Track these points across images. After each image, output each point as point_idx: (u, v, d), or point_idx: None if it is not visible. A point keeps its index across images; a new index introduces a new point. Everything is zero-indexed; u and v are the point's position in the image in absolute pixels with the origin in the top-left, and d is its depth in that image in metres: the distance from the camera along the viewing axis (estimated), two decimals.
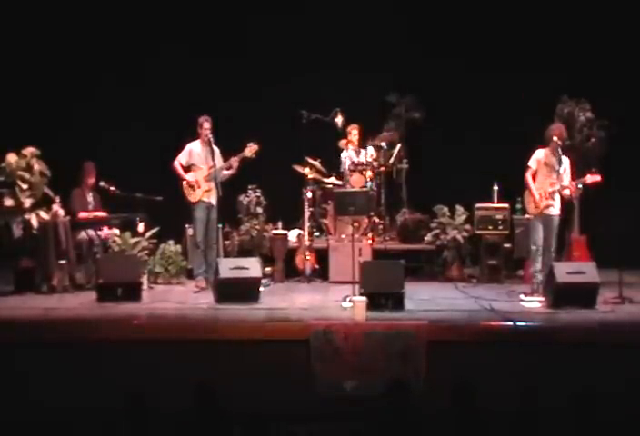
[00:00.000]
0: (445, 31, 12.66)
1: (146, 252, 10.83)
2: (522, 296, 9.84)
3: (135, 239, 10.77)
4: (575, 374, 7.50)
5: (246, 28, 12.77)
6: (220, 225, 10.82)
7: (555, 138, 9.73)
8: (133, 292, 9.64)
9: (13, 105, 12.23)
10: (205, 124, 10.48)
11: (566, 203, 10.13)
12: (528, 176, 9.83)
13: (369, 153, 12.18)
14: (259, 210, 11.65)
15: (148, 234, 10.93)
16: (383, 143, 12.45)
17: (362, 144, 12.27)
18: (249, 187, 11.70)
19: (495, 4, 12.60)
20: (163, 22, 12.69)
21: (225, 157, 10.67)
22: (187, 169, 10.59)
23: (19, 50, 12.46)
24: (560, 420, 5.76)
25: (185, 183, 10.53)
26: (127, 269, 9.78)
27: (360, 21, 12.71)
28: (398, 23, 12.73)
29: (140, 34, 12.58)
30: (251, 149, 10.54)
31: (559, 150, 9.74)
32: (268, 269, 11.23)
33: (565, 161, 9.80)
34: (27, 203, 10.35)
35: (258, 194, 11.67)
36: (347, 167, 12.07)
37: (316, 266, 11.38)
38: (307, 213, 11.57)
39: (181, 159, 10.59)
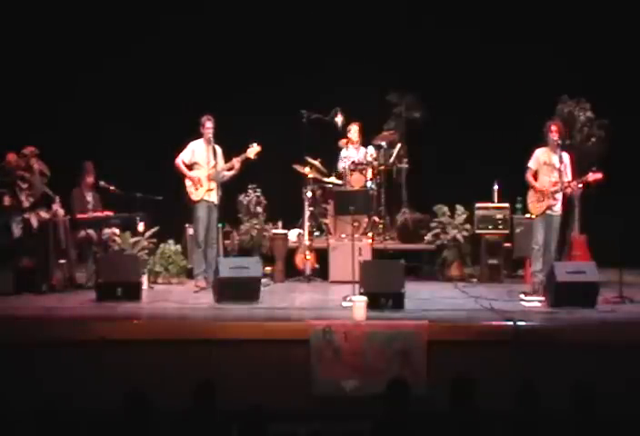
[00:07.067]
0: (445, 31, 12.66)
1: (146, 251, 10.83)
2: (522, 296, 9.84)
3: (135, 238, 10.77)
4: (575, 374, 7.47)
5: (246, 28, 12.76)
6: (220, 225, 10.82)
7: (554, 137, 9.75)
8: (133, 292, 9.64)
9: (12, 105, 12.23)
10: (208, 124, 10.48)
11: (567, 202, 10.14)
12: (529, 177, 9.84)
13: (369, 152, 12.18)
14: (259, 209, 11.66)
15: (148, 234, 10.93)
16: (383, 143, 12.46)
17: (362, 143, 12.27)
18: (249, 187, 11.70)
19: (493, 4, 12.61)
20: (161, 21, 12.69)
21: (226, 157, 10.67)
22: (189, 167, 10.59)
23: (18, 50, 12.47)
24: (560, 419, 5.75)
25: (187, 181, 10.52)
26: (127, 269, 9.77)
27: (360, 20, 12.70)
28: (399, 22, 12.73)
29: (140, 33, 12.58)
30: (253, 150, 10.55)
31: (558, 147, 9.76)
32: (268, 268, 11.23)
33: (565, 157, 9.83)
34: (27, 202, 10.35)
35: (258, 194, 11.68)
36: (347, 166, 12.06)
37: (316, 266, 11.38)
38: (307, 213, 11.57)
39: (184, 157, 10.59)
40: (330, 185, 12.01)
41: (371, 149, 12.23)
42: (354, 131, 12.11)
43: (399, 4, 12.74)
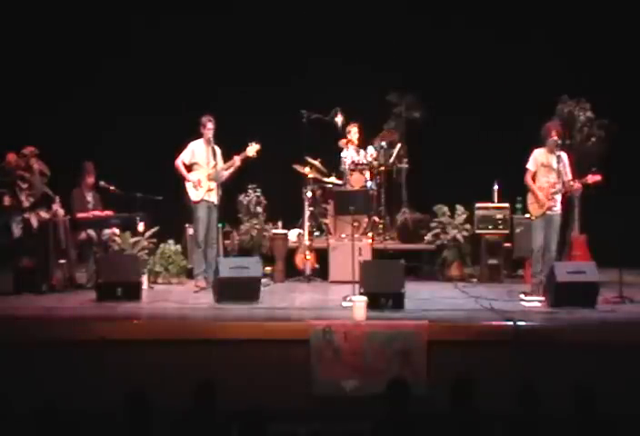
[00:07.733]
0: (445, 31, 12.67)
1: (146, 251, 10.83)
2: (522, 296, 9.84)
3: (135, 238, 10.77)
4: (575, 374, 7.49)
5: (247, 27, 12.75)
6: (220, 225, 10.82)
7: (554, 138, 9.74)
8: (133, 292, 9.64)
9: (12, 105, 12.23)
10: (209, 124, 10.48)
11: (567, 202, 10.15)
12: (528, 178, 9.83)
13: (369, 152, 12.18)
14: (259, 209, 11.66)
15: (148, 234, 10.93)
16: (383, 143, 12.46)
17: (362, 144, 12.26)
18: (249, 187, 11.71)
19: (493, 4, 12.61)
20: (161, 21, 12.70)
21: (226, 157, 10.68)
22: (189, 168, 10.60)
23: (18, 49, 12.47)
24: (560, 419, 5.76)
25: (187, 182, 10.52)
26: (127, 269, 9.78)
27: (360, 20, 12.71)
28: (399, 22, 12.73)
29: (140, 33, 12.59)
30: (253, 148, 10.56)
31: (557, 147, 9.76)
32: (268, 268, 11.23)
33: (564, 156, 9.81)
34: (27, 202, 10.35)
35: (258, 194, 11.68)
36: (347, 166, 12.06)
37: (316, 266, 11.38)
38: (307, 213, 11.57)
39: (184, 158, 10.59)
40: (330, 185, 12.01)
41: (371, 149, 12.23)
42: (353, 132, 12.11)
43: (399, 4, 12.73)
